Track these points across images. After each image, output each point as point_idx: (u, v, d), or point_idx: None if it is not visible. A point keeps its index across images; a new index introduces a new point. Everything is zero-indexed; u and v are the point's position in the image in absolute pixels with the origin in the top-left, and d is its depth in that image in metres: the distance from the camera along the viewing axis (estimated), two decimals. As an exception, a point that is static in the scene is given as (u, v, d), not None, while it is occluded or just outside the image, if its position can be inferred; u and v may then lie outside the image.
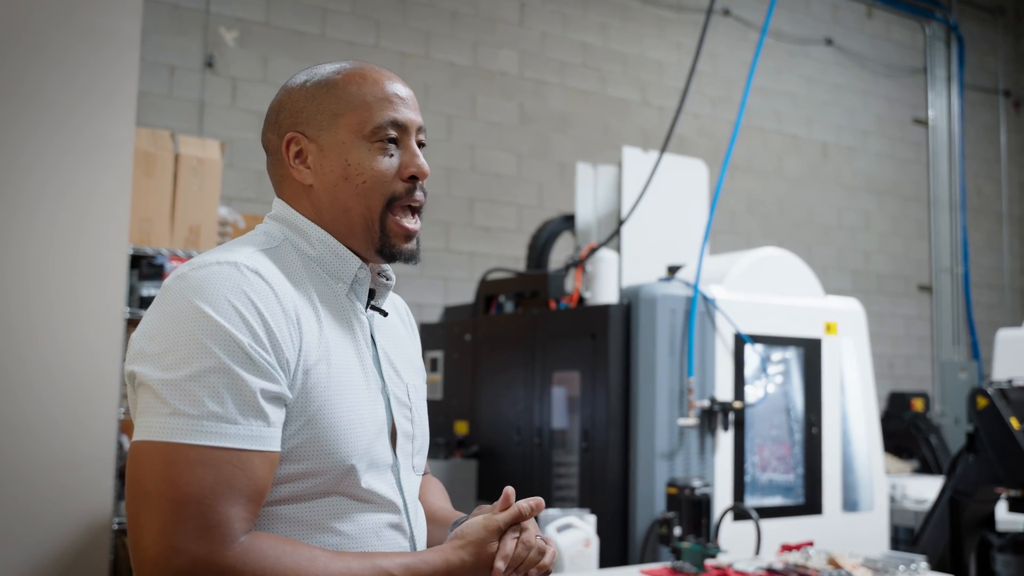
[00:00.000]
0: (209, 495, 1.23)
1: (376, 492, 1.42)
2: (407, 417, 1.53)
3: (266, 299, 1.33)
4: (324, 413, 1.36)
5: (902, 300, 9.76)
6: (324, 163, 1.47)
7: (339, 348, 1.42)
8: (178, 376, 1.25)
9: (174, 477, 1.22)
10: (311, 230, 1.49)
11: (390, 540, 1.45)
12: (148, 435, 1.25)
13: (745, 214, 8.68)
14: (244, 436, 1.26)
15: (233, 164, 6.13)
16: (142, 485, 1.24)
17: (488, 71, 7.33)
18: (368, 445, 1.41)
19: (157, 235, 4.09)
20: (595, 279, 4.41)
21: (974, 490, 4.36)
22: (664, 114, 8.09)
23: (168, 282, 1.35)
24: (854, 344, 4.51)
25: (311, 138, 1.47)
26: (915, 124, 10.04)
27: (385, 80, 1.51)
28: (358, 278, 1.50)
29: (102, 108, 3.73)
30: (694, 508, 3.61)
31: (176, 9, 6.13)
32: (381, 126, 1.47)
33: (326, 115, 1.47)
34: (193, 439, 1.23)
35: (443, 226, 6.98)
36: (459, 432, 5.01)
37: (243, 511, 1.25)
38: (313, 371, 1.36)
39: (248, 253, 1.38)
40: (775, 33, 8.84)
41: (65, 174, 3.67)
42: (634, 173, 4.82)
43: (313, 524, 1.36)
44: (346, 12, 6.72)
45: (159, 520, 1.21)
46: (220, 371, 1.26)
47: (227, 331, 1.27)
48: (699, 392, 4.02)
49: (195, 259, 1.38)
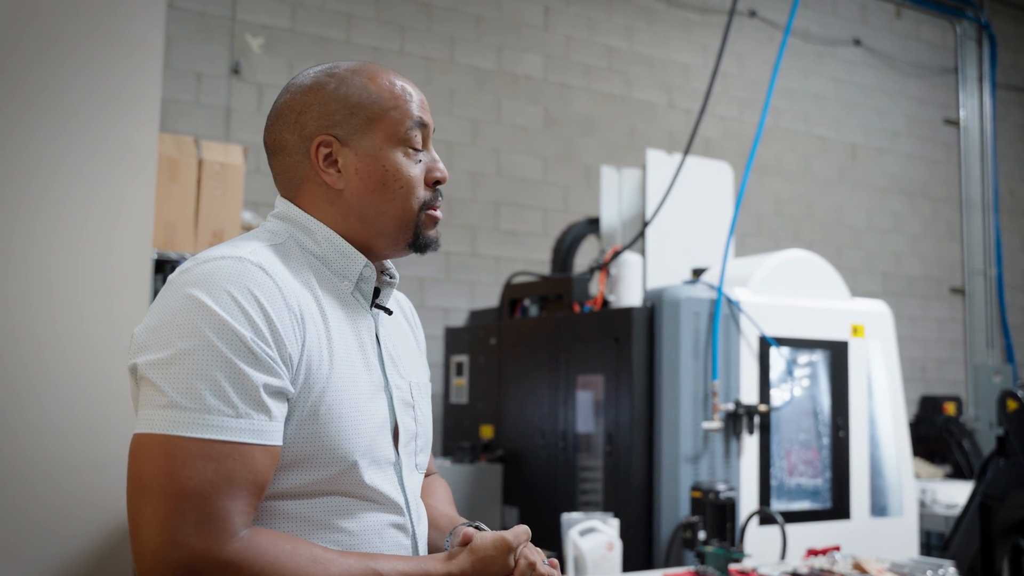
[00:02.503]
0: (209, 489, 1.23)
1: (379, 490, 1.42)
2: (410, 415, 1.53)
3: (270, 293, 1.33)
4: (326, 409, 1.36)
5: (934, 303, 9.65)
6: (360, 168, 1.47)
7: (342, 345, 1.42)
8: (179, 369, 1.26)
9: (174, 470, 1.22)
10: (317, 228, 1.49)
11: (392, 540, 1.45)
12: (148, 427, 1.25)
13: (773, 217, 8.62)
14: (245, 430, 1.26)
15: (259, 169, 6.16)
16: (142, 478, 1.24)
17: (513, 75, 7.32)
18: (370, 442, 1.41)
19: (181, 240, 4.12)
20: (619, 282, 4.39)
21: (1005, 495, 4.30)
22: (690, 117, 8.05)
23: (172, 276, 1.36)
24: (882, 346, 4.46)
25: (343, 142, 1.47)
26: (946, 124, 9.93)
27: (406, 83, 1.53)
28: (363, 276, 1.50)
29: (126, 114, 3.76)
30: (719, 512, 3.58)
31: (203, 17, 6.17)
32: (411, 129, 1.49)
33: (358, 119, 1.47)
34: (193, 432, 1.23)
35: (469, 230, 6.98)
36: (484, 436, 5.00)
37: (244, 505, 1.25)
38: (316, 367, 1.36)
39: (253, 248, 1.39)
40: (803, 34, 8.78)
41: (89, 180, 3.70)
42: (658, 176, 4.80)
43: (315, 521, 1.36)
44: (371, 18, 6.74)
45: (159, 513, 1.21)
46: (222, 364, 1.26)
47: (229, 325, 1.27)
48: (724, 395, 3.99)
49: (200, 254, 1.39)
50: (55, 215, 3.64)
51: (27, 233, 3.60)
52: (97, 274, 3.68)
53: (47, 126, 3.63)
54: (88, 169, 3.69)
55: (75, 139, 3.67)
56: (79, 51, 3.70)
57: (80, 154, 3.68)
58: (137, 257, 3.79)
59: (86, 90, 3.70)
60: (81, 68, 3.70)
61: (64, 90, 3.67)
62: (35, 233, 3.61)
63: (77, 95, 3.69)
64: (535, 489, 4.59)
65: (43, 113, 3.63)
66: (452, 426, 5.27)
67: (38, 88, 3.63)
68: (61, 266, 3.64)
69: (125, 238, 3.75)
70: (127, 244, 3.76)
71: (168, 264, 4.17)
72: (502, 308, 5.17)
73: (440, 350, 5.80)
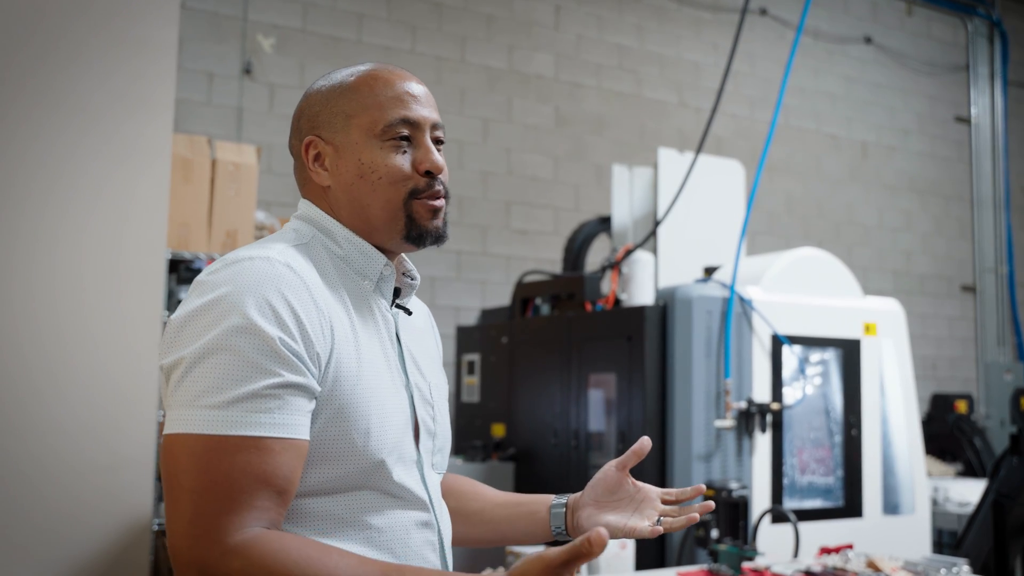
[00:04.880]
0: (237, 484, 1.25)
1: (405, 487, 1.44)
2: (430, 415, 1.55)
3: (298, 293, 1.35)
4: (355, 407, 1.38)
5: (945, 301, 9.62)
6: (339, 163, 1.51)
7: (367, 344, 1.45)
8: (206, 368, 1.28)
9: (205, 467, 1.25)
10: (337, 229, 1.52)
11: (420, 537, 1.46)
12: (180, 427, 1.28)
13: (784, 215, 8.60)
14: (276, 424, 1.28)
15: (271, 169, 6.18)
16: (176, 476, 1.27)
17: (524, 74, 7.33)
18: (397, 440, 1.43)
19: (195, 240, 4.14)
20: (631, 281, 4.39)
21: (1018, 493, 4.29)
22: (701, 115, 8.04)
23: (201, 276, 1.38)
24: (894, 345, 4.45)
25: (327, 140, 1.51)
26: (957, 122, 9.90)
27: (397, 80, 1.54)
28: (383, 275, 1.53)
29: (140, 115, 3.78)
30: (731, 510, 3.58)
31: (214, 17, 6.19)
32: (392, 124, 1.50)
33: (340, 117, 1.51)
34: (223, 430, 1.26)
35: (480, 229, 6.99)
36: (496, 435, 5.01)
37: (270, 501, 1.27)
38: (344, 365, 1.38)
39: (281, 248, 1.42)
40: (813, 32, 8.77)
41: (104, 180, 3.72)
42: (670, 174, 4.80)
43: (344, 519, 1.38)
44: (382, 17, 6.76)
45: (190, 509, 1.24)
46: (249, 363, 1.28)
47: (257, 324, 1.30)
48: (736, 394, 3.99)
49: (228, 255, 1.41)
50: (69, 215, 3.66)
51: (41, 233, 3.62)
52: (111, 274, 3.70)
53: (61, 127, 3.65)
54: (102, 169, 3.71)
55: (89, 139, 3.69)
56: (93, 52, 3.72)
57: (94, 154, 3.70)
58: (151, 257, 3.81)
59: (100, 90, 3.72)
60: (95, 69, 3.72)
61: (78, 91, 3.69)
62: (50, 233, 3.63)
63: (91, 95, 3.71)
64: (547, 488, 4.58)
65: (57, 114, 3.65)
66: (464, 425, 5.28)
67: (52, 89, 3.65)
68: (75, 266, 3.66)
69: (139, 238, 3.78)
70: (141, 244, 3.78)
71: (182, 264, 4.19)
72: (514, 307, 5.18)
73: (451, 349, 5.81)
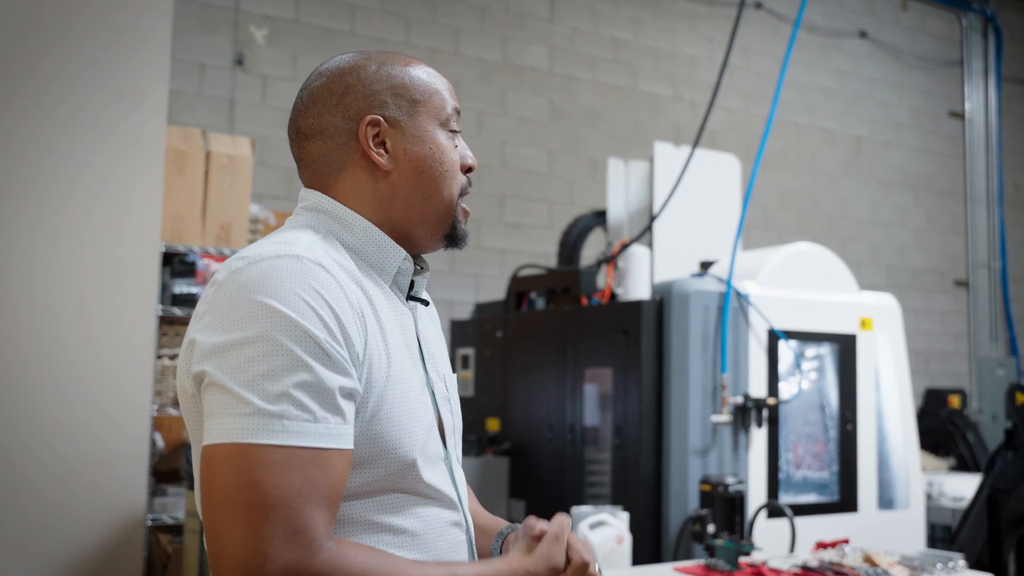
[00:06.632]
0: (296, 498, 1.18)
1: (437, 487, 1.40)
2: (448, 410, 1.50)
3: (333, 292, 1.28)
4: (387, 408, 1.32)
5: (938, 296, 9.64)
6: (407, 148, 1.45)
7: (393, 341, 1.39)
8: (254, 374, 1.20)
9: (258, 480, 1.17)
10: (353, 219, 1.44)
11: (452, 537, 1.43)
12: (225, 437, 1.19)
13: (778, 209, 8.60)
14: (325, 435, 1.22)
15: (263, 162, 6.15)
16: (225, 490, 1.18)
17: (518, 67, 7.31)
18: (425, 439, 1.38)
19: (189, 232, 4.11)
20: (627, 275, 4.38)
21: (1013, 487, 4.30)
22: (696, 109, 8.04)
23: (225, 277, 1.29)
24: (889, 340, 4.45)
25: (391, 123, 1.45)
26: (951, 117, 9.91)
27: (439, 73, 1.54)
28: (401, 270, 1.47)
29: (134, 107, 3.75)
30: (728, 505, 3.58)
31: (206, 8, 6.15)
32: (451, 114, 1.49)
33: (405, 100, 1.46)
34: (275, 439, 1.18)
35: (474, 223, 6.97)
36: (491, 429, 5.00)
37: (327, 514, 1.21)
38: (377, 364, 1.33)
39: (306, 244, 1.33)
40: (808, 26, 8.75)
41: (98, 172, 3.69)
42: (666, 168, 4.78)
43: (376, 523, 1.33)
44: (375, 9, 6.72)
45: (246, 526, 1.16)
46: (299, 368, 1.21)
47: (302, 327, 1.23)
48: (732, 388, 3.98)
49: (249, 252, 1.32)
50: (62, 208, 3.63)
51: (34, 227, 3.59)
52: (105, 267, 3.68)
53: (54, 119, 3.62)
54: (96, 161, 3.68)
55: (83, 131, 3.66)
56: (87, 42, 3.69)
57: (88, 146, 3.67)
58: (145, 249, 3.78)
59: (93, 82, 3.69)
60: (89, 59, 3.69)
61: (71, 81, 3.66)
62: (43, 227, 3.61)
63: (84, 86, 3.68)
64: (542, 482, 4.59)
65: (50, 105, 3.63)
66: (458, 419, 5.25)
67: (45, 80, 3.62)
68: (69, 260, 3.63)
69: (133, 230, 3.75)
70: (135, 236, 3.75)
71: (176, 257, 4.16)
72: (509, 301, 5.17)
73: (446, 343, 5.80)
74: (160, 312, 3.95)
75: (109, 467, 3.62)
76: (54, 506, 3.54)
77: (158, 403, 3.95)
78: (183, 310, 4.04)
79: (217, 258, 4.08)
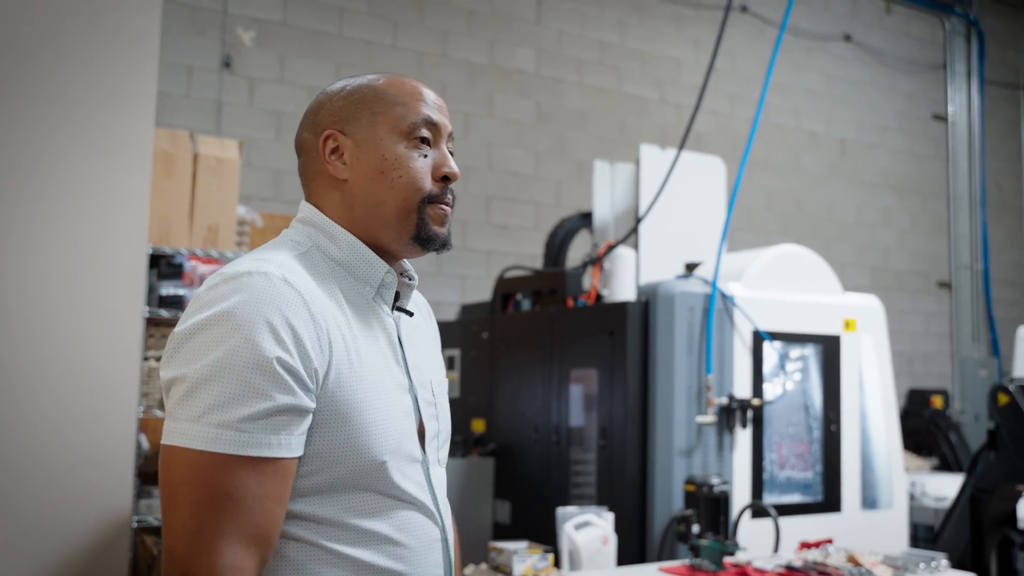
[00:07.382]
0: (240, 502, 1.28)
1: (407, 490, 1.45)
2: (432, 415, 1.57)
3: (296, 310, 1.36)
4: (355, 411, 1.39)
5: (921, 297, 9.71)
6: (360, 158, 1.52)
7: (367, 350, 1.45)
8: (210, 384, 1.29)
9: (208, 483, 1.27)
10: (339, 233, 1.52)
11: (423, 536, 1.48)
12: (174, 440, 1.30)
13: (763, 211, 8.65)
14: (269, 446, 1.30)
15: (251, 164, 6.15)
16: (168, 486, 1.30)
17: (505, 69, 7.33)
18: (398, 443, 1.44)
19: (176, 235, 4.11)
20: (613, 277, 4.41)
21: (995, 487, 4.34)
22: (681, 111, 8.07)
23: (200, 291, 1.39)
24: (873, 341, 4.49)
25: (348, 135, 1.52)
26: (935, 120, 9.98)
27: (420, 86, 1.58)
28: (384, 282, 1.54)
29: (122, 109, 3.75)
30: (712, 505, 3.60)
31: (194, 10, 6.16)
32: (416, 124, 1.53)
33: (365, 113, 1.53)
34: (226, 448, 1.28)
35: (460, 224, 6.99)
36: (476, 430, 5.01)
37: (265, 519, 1.30)
38: (344, 374, 1.39)
39: (279, 261, 1.42)
40: (793, 29, 8.81)
41: (85, 174, 3.69)
42: (651, 171, 4.81)
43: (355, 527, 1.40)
44: (363, 11, 6.74)
45: (180, 520, 1.27)
46: (246, 382, 1.29)
47: (255, 343, 1.30)
48: (717, 389, 4.01)
49: (228, 268, 1.41)
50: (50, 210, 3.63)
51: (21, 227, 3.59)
52: (92, 268, 3.68)
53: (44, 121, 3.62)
54: (84, 164, 3.68)
55: (70, 134, 3.66)
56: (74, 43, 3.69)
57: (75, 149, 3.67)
58: (132, 251, 3.78)
59: (81, 83, 3.69)
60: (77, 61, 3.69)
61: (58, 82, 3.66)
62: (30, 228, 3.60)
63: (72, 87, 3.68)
64: (527, 483, 4.60)
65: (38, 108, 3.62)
66: (445, 420, 5.26)
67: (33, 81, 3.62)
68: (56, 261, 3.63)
69: (121, 232, 3.75)
70: (123, 238, 3.75)
71: (163, 259, 4.17)
72: (495, 302, 5.18)
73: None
74: (147, 314, 3.95)
75: (95, 468, 3.62)
76: (39, 507, 3.54)
77: (144, 404, 3.96)
78: (170, 312, 4.04)
79: (204, 260, 4.09)
